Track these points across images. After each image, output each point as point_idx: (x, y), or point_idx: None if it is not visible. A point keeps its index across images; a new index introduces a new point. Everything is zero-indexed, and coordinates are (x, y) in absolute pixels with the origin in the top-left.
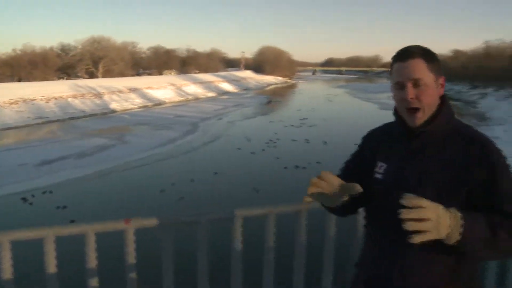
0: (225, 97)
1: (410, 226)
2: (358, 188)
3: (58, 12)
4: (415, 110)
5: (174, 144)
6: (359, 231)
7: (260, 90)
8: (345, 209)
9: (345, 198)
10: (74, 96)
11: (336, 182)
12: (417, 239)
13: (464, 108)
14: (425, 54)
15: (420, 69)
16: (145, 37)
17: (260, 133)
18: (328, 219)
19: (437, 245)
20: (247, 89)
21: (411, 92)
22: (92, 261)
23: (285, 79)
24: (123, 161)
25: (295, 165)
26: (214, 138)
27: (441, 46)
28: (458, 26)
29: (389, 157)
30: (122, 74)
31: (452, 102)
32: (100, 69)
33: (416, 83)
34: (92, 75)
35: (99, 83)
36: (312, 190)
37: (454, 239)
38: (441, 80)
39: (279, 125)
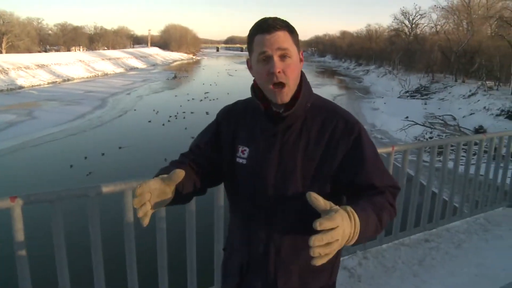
0: (133, 72)
1: (318, 253)
2: (179, 174)
3: None
4: (282, 85)
5: (84, 119)
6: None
7: (167, 66)
8: (183, 199)
9: (172, 189)
10: None
11: (157, 184)
12: (320, 262)
13: (351, 83)
14: (288, 25)
15: (287, 40)
16: (51, 14)
17: (167, 106)
18: (215, 189)
19: (308, 226)
20: (154, 65)
21: (279, 65)
22: None
23: (190, 56)
24: (33, 137)
25: None
26: (124, 112)
27: (331, 28)
28: (346, 8)
29: (252, 140)
30: (28, 50)
31: (341, 78)
32: (4, 45)
33: (283, 56)
34: None
35: (4, 59)
36: (142, 208)
37: (353, 242)
38: (301, 55)
39: (184, 98)
